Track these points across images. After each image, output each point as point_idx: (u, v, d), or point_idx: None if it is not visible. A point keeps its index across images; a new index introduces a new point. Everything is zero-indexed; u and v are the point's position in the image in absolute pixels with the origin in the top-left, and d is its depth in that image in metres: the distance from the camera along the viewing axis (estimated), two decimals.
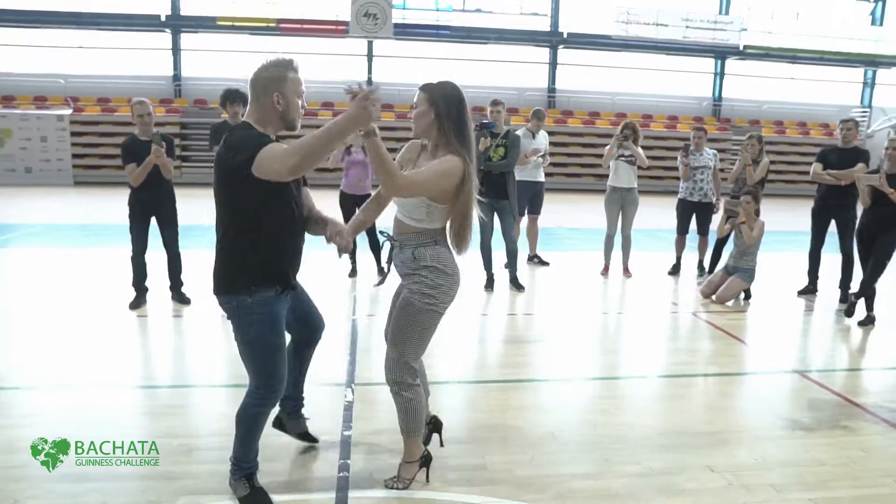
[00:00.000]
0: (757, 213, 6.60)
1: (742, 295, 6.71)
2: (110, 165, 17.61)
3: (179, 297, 5.89)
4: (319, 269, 5.62)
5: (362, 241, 6.08)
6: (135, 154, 5.40)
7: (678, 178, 7.74)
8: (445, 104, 2.68)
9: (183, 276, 5.92)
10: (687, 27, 19.90)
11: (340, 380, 4.18)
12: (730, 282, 6.59)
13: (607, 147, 7.51)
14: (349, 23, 18.57)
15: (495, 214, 6.51)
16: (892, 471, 3.23)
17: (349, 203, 6.64)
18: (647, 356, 5.09)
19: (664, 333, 5.85)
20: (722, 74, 21.61)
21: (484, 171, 6.19)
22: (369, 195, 3.23)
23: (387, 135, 16.14)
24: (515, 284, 6.80)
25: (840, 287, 6.77)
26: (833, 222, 6.76)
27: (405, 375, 2.83)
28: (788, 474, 3.19)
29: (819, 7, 21.50)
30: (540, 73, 21.06)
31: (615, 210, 7.60)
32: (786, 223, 11.02)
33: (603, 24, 19.85)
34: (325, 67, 19.91)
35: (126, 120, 17.75)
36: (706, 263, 7.71)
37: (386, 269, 3.08)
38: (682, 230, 7.82)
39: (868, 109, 22.20)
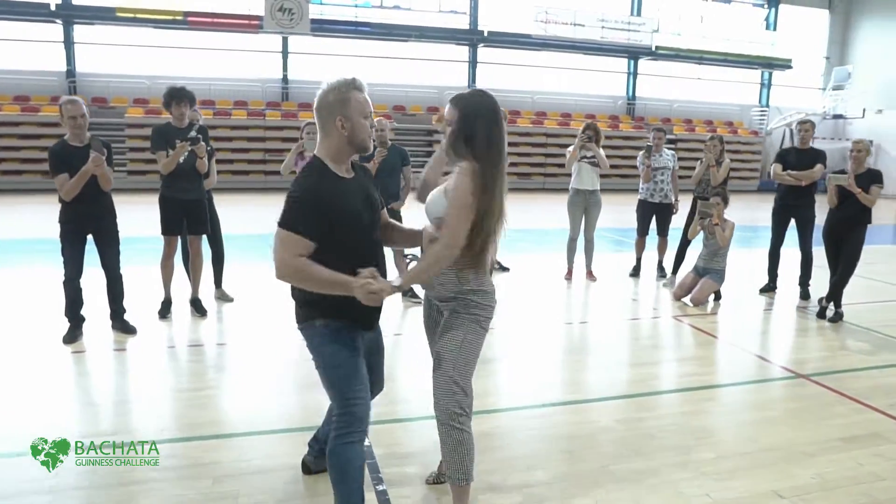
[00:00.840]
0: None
1: (712, 296, 6.71)
2: None
3: (122, 326, 5.12)
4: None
5: None
6: (67, 163, 4.61)
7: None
8: (465, 114, 2.50)
9: (124, 302, 5.17)
10: (603, 27, 20.33)
11: None
12: (702, 283, 6.56)
13: (570, 148, 7.32)
14: (263, 17, 17.61)
15: None
16: None
17: None
18: (650, 369, 4.88)
19: (656, 342, 5.69)
20: (635, 74, 22.27)
21: None
22: None
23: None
24: None
25: (800, 284, 6.91)
26: (793, 221, 6.88)
27: (461, 404, 2.52)
28: (857, 493, 3.03)
29: (720, 11, 22.63)
30: (460, 72, 20.88)
31: (578, 213, 7.43)
32: None
33: (522, 23, 19.93)
34: (238, 64, 18.85)
35: (11, 120, 16.01)
36: (666, 265, 7.70)
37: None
38: (643, 231, 7.77)
39: (766, 109, 23.61)
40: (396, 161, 6.28)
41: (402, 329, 5.63)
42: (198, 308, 5.66)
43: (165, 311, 5.57)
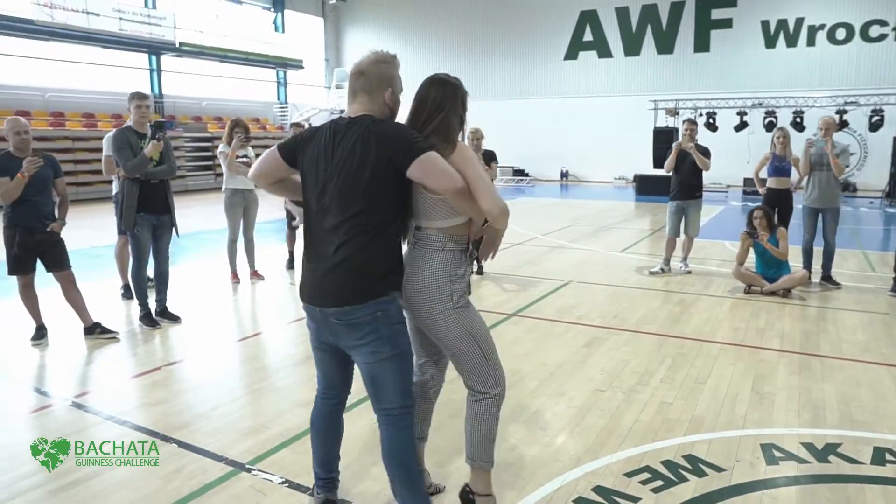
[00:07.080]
0: None
1: None
2: None
3: None
4: None
5: None
6: None
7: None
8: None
9: None
10: (121, 19, 18.64)
11: None
12: None
13: (220, 150, 6.98)
14: None
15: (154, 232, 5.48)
16: None
17: None
18: None
19: None
20: (159, 70, 21.16)
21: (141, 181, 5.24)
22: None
23: None
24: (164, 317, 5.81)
25: None
26: None
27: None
28: (629, 371, 4.24)
29: (233, 11, 23.30)
30: None
31: (238, 213, 7.19)
32: None
33: (20, 5, 16.68)
34: None
35: None
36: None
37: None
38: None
39: (286, 105, 25.57)
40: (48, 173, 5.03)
41: None
42: None
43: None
